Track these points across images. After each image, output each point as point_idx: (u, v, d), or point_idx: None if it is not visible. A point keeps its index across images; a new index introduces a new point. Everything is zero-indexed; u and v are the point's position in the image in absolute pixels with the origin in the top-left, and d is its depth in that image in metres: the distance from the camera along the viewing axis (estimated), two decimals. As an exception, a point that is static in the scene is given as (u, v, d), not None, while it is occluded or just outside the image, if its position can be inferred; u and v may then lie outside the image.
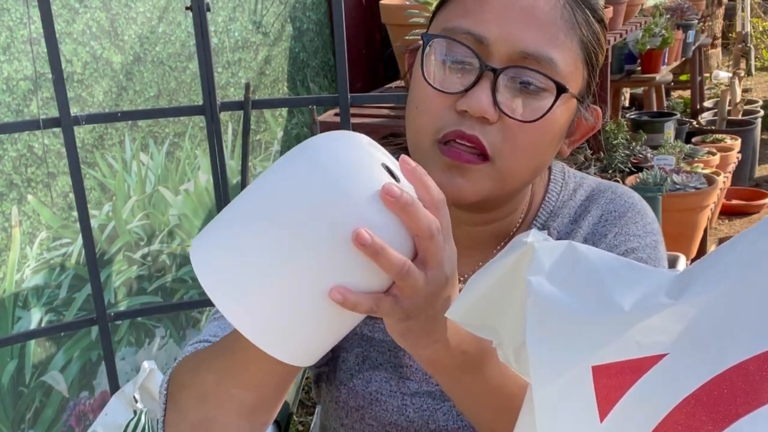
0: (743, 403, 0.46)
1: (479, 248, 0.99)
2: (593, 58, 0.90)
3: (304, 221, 0.61)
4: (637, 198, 1.02)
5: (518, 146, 0.85)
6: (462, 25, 0.85)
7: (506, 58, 0.84)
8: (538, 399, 0.52)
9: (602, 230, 0.97)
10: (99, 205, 2.26)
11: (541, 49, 0.84)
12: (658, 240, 0.99)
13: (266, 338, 0.65)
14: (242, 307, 0.64)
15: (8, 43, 1.94)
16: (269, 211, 0.63)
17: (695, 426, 0.47)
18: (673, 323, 0.49)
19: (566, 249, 0.55)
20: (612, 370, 0.50)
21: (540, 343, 0.53)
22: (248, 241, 0.63)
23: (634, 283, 0.52)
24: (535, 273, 0.54)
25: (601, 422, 0.50)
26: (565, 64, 0.85)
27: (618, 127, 3.87)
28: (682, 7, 4.78)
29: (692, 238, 3.38)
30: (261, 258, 0.62)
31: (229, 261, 0.64)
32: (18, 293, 2.05)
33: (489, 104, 0.83)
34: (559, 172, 1.03)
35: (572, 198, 1.01)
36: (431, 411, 0.98)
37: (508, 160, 0.86)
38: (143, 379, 1.74)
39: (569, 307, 0.53)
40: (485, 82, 0.83)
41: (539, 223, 0.99)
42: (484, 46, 0.84)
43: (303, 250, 0.62)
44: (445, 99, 0.85)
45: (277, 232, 0.62)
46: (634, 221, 0.98)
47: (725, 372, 0.47)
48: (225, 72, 2.67)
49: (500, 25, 0.84)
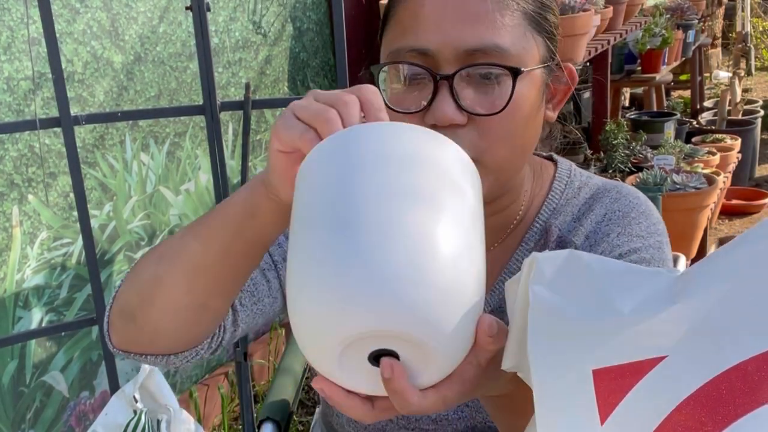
0: (742, 404, 0.46)
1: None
2: (542, 19, 0.90)
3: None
4: (643, 199, 1.01)
5: (496, 138, 0.86)
6: (404, 45, 0.86)
7: (454, 61, 0.84)
8: (539, 403, 0.52)
9: (605, 229, 0.97)
10: (99, 205, 2.26)
11: (484, 41, 0.84)
12: (663, 241, 0.99)
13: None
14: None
15: (9, 42, 1.94)
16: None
17: (695, 427, 0.47)
18: (672, 325, 0.50)
19: (568, 257, 0.55)
20: (612, 373, 0.50)
21: (541, 347, 0.53)
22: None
23: (634, 287, 0.52)
24: (537, 282, 0.55)
25: (602, 425, 0.50)
26: (513, 44, 0.85)
27: (618, 127, 3.87)
28: (682, 7, 4.78)
29: (692, 238, 3.38)
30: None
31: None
32: (18, 293, 2.05)
33: (454, 111, 0.84)
34: (565, 170, 1.04)
35: (576, 196, 1.01)
36: None
37: (492, 154, 0.86)
38: (143, 379, 1.74)
39: (569, 312, 0.53)
40: (443, 91, 0.84)
41: (541, 220, 1.00)
42: (431, 57, 0.85)
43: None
44: (413, 117, 0.86)
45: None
46: (638, 221, 0.98)
47: (724, 373, 0.47)
48: (225, 72, 2.67)
49: (438, 32, 0.84)
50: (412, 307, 0.53)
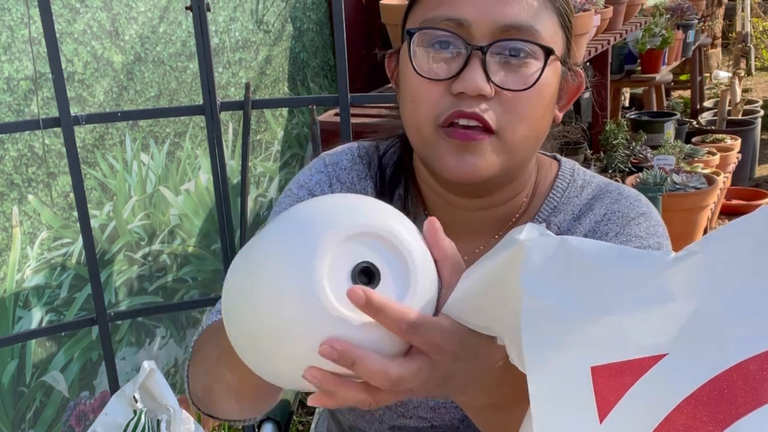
0: (743, 403, 0.46)
1: (479, 234, 1.00)
2: (567, 21, 0.93)
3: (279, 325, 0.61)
4: (644, 201, 1.02)
5: (518, 115, 0.87)
6: (440, 14, 0.87)
7: (489, 34, 0.86)
8: (535, 400, 0.52)
9: (604, 229, 0.98)
10: (99, 205, 2.26)
11: (520, 19, 0.86)
12: (662, 243, 0.99)
13: (249, 360, 0.67)
14: (233, 334, 0.67)
15: (9, 42, 1.94)
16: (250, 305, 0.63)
17: (696, 426, 0.47)
18: (672, 323, 0.49)
19: (559, 244, 0.54)
20: (612, 370, 0.50)
21: (537, 344, 0.53)
22: (237, 312, 0.65)
23: (630, 276, 0.51)
24: (529, 272, 0.54)
25: (601, 423, 0.50)
26: (545, 30, 0.88)
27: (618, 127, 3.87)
28: (682, 7, 4.78)
29: (692, 238, 3.38)
30: (248, 327, 0.64)
31: (229, 305, 0.66)
32: (18, 293, 2.05)
33: (483, 81, 0.85)
34: (568, 169, 1.05)
35: (578, 195, 1.01)
36: None
37: (512, 131, 0.88)
38: (143, 379, 1.74)
39: (565, 307, 0.52)
40: (475, 62, 0.86)
41: (541, 218, 1.00)
42: (466, 28, 0.86)
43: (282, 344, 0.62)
44: (439, 86, 0.87)
45: (258, 325, 0.62)
46: (637, 222, 0.98)
47: (725, 372, 0.47)
48: (225, 72, 2.67)
49: (476, 4, 0.86)
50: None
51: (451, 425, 1.02)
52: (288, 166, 3.05)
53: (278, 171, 3.00)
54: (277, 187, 3.00)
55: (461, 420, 1.01)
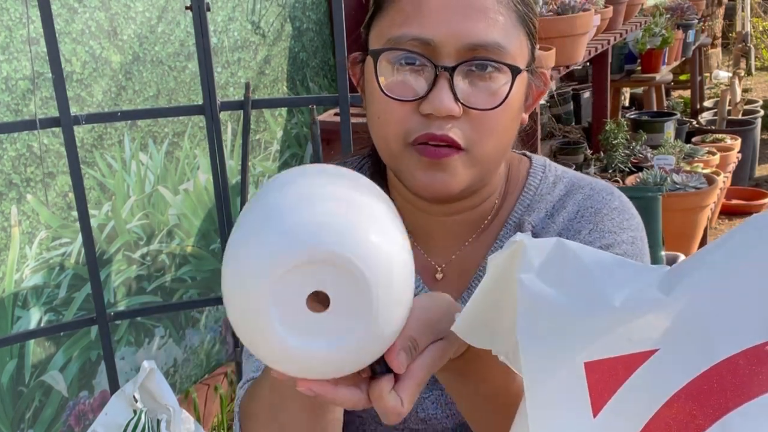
0: (733, 397, 0.47)
1: (454, 238, 1.00)
2: (532, 27, 0.93)
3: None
4: (617, 194, 1.02)
5: (487, 130, 0.88)
6: (407, 33, 0.87)
7: (455, 54, 0.86)
8: (530, 395, 0.52)
9: (577, 226, 0.98)
10: (98, 204, 2.26)
11: (487, 37, 0.86)
12: (637, 236, 0.99)
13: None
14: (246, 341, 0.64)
15: (7, 42, 1.94)
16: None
17: (686, 420, 0.47)
18: (663, 319, 0.50)
19: (555, 246, 0.55)
20: (605, 365, 0.50)
21: (532, 340, 0.53)
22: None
23: (624, 280, 0.52)
24: (526, 271, 0.55)
25: (594, 417, 0.50)
26: (511, 44, 0.88)
27: (618, 127, 3.87)
28: (682, 7, 4.78)
29: (692, 238, 3.38)
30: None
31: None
32: (17, 293, 2.05)
33: (452, 102, 0.85)
34: (539, 165, 1.05)
35: (551, 192, 1.01)
36: (420, 400, 0.99)
37: (481, 146, 0.89)
38: (143, 379, 1.74)
39: (560, 304, 0.53)
40: (442, 82, 0.86)
41: (515, 217, 1.00)
42: (432, 48, 0.86)
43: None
44: (407, 105, 0.88)
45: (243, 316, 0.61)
46: (611, 218, 0.98)
47: (715, 366, 0.47)
48: (224, 72, 2.67)
49: (443, 23, 0.86)
50: (338, 231, 0.58)
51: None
52: (287, 166, 3.05)
53: (277, 171, 3.00)
54: (277, 187, 3.00)
55: (453, 430, 1.01)
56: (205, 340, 2.75)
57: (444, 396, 0.99)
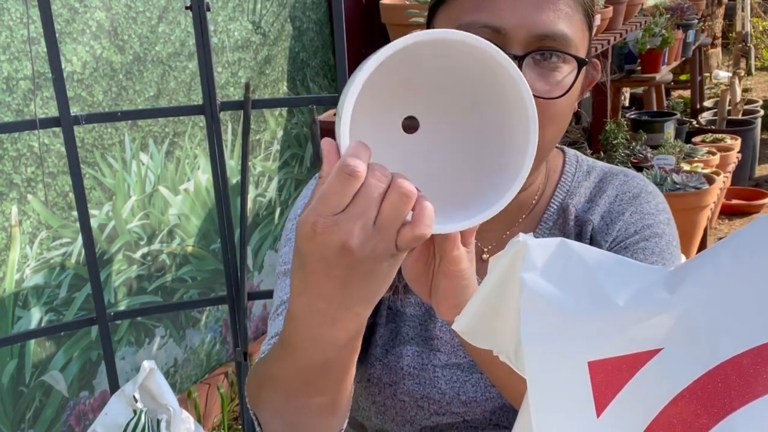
0: (737, 397, 0.46)
1: (501, 221, 1.04)
2: (591, 20, 0.97)
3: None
4: (648, 181, 1.10)
5: (549, 119, 0.91)
6: (478, 19, 0.90)
7: (524, 43, 0.89)
8: (533, 395, 0.52)
9: (619, 208, 1.05)
10: (99, 204, 2.26)
11: (555, 28, 0.89)
12: (670, 218, 1.07)
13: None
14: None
15: (8, 42, 1.94)
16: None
17: (690, 419, 0.47)
18: (667, 318, 0.50)
19: (558, 246, 0.55)
20: (608, 365, 0.50)
21: (535, 339, 0.53)
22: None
23: (628, 279, 0.52)
24: (528, 270, 0.54)
25: (598, 417, 0.50)
26: (575, 35, 0.92)
27: (618, 126, 3.87)
28: (682, 7, 4.78)
29: (692, 238, 3.38)
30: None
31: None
32: (18, 293, 2.05)
33: None
34: (573, 155, 1.11)
35: (587, 179, 1.08)
36: (461, 382, 1.02)
37: (543, 134, 0.91)
38: (143, 379, 1.74)
39: (563, 303, 0.53)
40: None
41: (557, 201, 1.06)
42: (502, 35, 0.89)
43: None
44: None
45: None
46: (647, 200, 1.06)
47: (719, 366, 0.47)
48: (225, 72, 2.67)
49: (514, 12, 0.89)
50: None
51: (483, 419, 1.03)
52: (287, 166, 3.05)
53: (277, 171, 3.00)
54: (276, 186, 3.00)
55: (492, 412, 1.03)
56: (206, 340, 2.75)
57: (484, 379, 1.02)
